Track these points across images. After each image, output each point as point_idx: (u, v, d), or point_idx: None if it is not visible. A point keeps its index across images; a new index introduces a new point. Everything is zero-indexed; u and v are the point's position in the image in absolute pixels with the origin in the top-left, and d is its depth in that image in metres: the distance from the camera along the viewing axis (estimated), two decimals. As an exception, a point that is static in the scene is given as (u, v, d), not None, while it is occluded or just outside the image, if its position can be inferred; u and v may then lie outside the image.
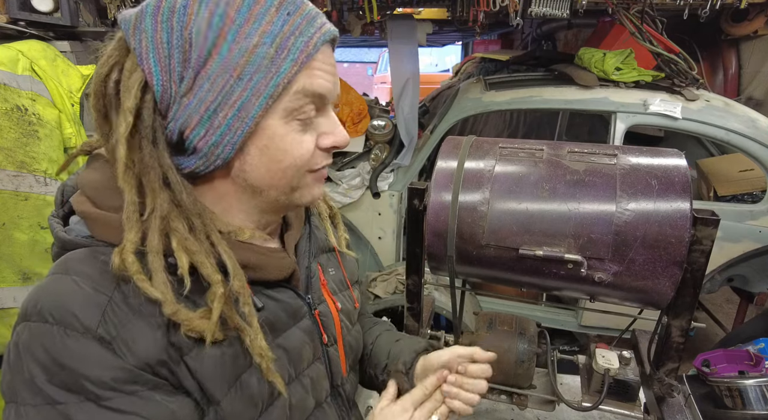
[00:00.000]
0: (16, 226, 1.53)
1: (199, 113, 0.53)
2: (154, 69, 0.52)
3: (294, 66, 0.54)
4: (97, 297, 0.51)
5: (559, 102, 2.36)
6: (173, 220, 0.54)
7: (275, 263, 0.65)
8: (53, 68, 1.70)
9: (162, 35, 0.51)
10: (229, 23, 0.52)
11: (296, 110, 0.56)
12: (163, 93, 0.53)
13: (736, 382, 1.84)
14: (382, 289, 2.48)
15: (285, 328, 0.67)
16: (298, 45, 0.54)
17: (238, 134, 0.54)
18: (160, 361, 0.53)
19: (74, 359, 0.49)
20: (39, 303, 0.51)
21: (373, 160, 2.65)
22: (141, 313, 0.52)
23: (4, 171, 1.50)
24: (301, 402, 0.67)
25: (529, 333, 1.06)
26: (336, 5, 2.32)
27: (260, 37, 0.52)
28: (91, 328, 0.50)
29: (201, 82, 0.52)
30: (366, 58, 13.40)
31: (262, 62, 0.53)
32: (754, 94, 3.33)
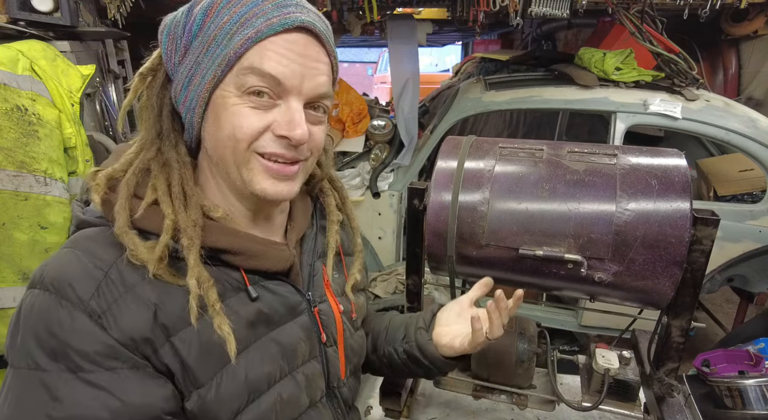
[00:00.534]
0: (16, 226, 1.53)
1: (182, 79, 0.61)
2: (164, 39, 0.62)
3: (243, 40, 0.57)
4: (94, 271, 0.55)
5: (559, 102, 2.36)
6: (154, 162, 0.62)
7: (273, 254, 0.66)
8: (53, 68, 1.69)
9: (179, 18, 0.61)
10: (216, 6, 0.59)
11: (246, 85, 0.58)
12: (166, 60, 0.62)
13: (736, 382, 1.84)
14: (382, 289, 2.48)
15: (281, 322, 0.67)
16: (257, 24, 0.57)
17: (198, 100, 0.60)
18: (144, 339, 0.55)
19: (63, 328, 0.52)
20: (44, 273, 0.55)
21: (373, 160, 2.65)
22: (134, 292, 0.56)
23: (4, 171, 1.50)
24: (293, 398, 0.67)
25: (529, 333, 1.06)
26: (336, 5, 2.32)
27: (230, 17, 0.58)
28: (84, 300, 0.53)
29: (188, 54, 0.60)
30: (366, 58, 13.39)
31: (225, 37, 0.58)
32: (754, 94, 3.33)
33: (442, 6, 2.63)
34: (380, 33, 2.87)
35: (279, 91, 0.60)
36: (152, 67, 0.64)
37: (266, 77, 0.58)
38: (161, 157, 0.62)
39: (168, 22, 0.62)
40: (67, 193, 1.64)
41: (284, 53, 0.58)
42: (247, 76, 0.58)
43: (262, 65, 0.57)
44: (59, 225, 1.61)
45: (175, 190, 0.61)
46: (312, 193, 0.82)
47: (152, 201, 0.59)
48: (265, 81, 0.58)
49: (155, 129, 0.63)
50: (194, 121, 0.62)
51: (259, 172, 0.62)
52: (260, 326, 0.65)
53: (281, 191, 0.63)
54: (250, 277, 0.65)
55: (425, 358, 0.84)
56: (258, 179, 0.62)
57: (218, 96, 0.60)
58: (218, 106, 0.60)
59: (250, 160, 0.61)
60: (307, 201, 0.80)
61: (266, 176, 0.62)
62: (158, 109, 0.63)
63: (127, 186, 0.59)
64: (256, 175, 0.62)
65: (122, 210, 0.57)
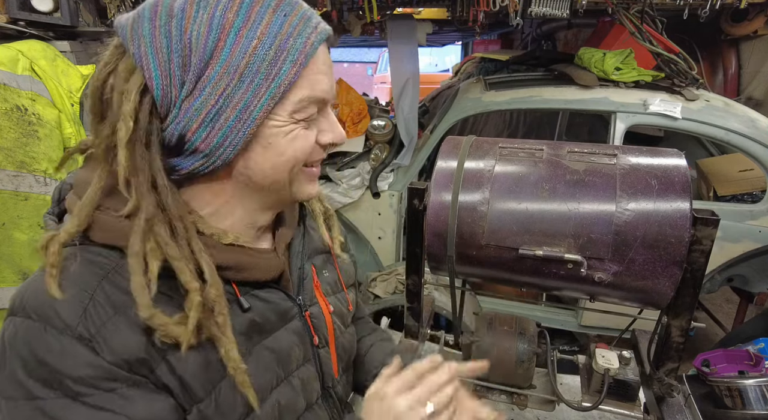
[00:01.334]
0: (15, 226, 1.53)
1: (201, 116, 0.53)
2: (154, 74, 0.52)
3: (293, 67, 0.55)
4: (79, 295, 0.52)
5: (559, 102, 2.36)
6: (156, 224, 0.54)
7: (263, 264, 0.65)
8: (53, 68, 1.70)
9: (161, 40, 0.51)
10: (228, 27, 0.52)
11: (300, 112, 0.59)
12: (163, 97, 0.53)
13: (736, 382, 1.84)
14: (382, 289, 2.48)
15: (273, 330, 0.67)
16: (297, 46, 0.55)
17: (240, 135, 0.55)
18: (139, 359, 0.53)
19: (53, 356, 0.50)
20: (24, 299, 0.52)
21: (373, 160, 2.65)
22: (123, 312, 0.53)
23: (4, 171, 1.50)
24: (290, 403, 0.67)
25: (528, 333, 1.06)
26: (336, 5, 2.32)
27: (259, 40, 0.53)
28: (71, 326, 0.50)
29: (202, 86, 0.53)
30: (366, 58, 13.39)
31: (261, 64, 0.53)
32: (754, 94, 3.33)
33: (442, 6, 2.63)
34: (380, 33, 2.87)
35: (321, 107, 0.62)
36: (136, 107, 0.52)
37: (317, 101, 0.60)
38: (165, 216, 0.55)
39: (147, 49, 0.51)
40: (67, 193, 1.64)
41: (324, 70, 0.60)
42: (305, 105, 0.58)
43: (314, 92, 0.58)
44: (59, 225, 1.61)
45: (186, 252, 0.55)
46: None
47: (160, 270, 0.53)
48: (316, 103, 0.60)
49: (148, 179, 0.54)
50: (228, 156, 0.56)
51: (306, 181, 0.65)
52: (254, 336, 0.64)
53: (316, 190, 0.68)
54: (241, 288, 0.64)
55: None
56: (305, 188, 0.65)
57: (267, 126, 0.57)
58: (269, 136, 0.57)
59: (299, 174, 0.63)
60: (294, 206, 0.79)
61: (309, 182, 0.66)
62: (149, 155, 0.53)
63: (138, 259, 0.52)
64: (304, 185, 0.65)
65: (142, 290, 0.52)
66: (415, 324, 1.14)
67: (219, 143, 0.55)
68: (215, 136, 0.54)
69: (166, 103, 0.53)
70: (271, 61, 0.53)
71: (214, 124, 0.54)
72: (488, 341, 1.05)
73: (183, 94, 0.53)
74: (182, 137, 0.54)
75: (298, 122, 0.59)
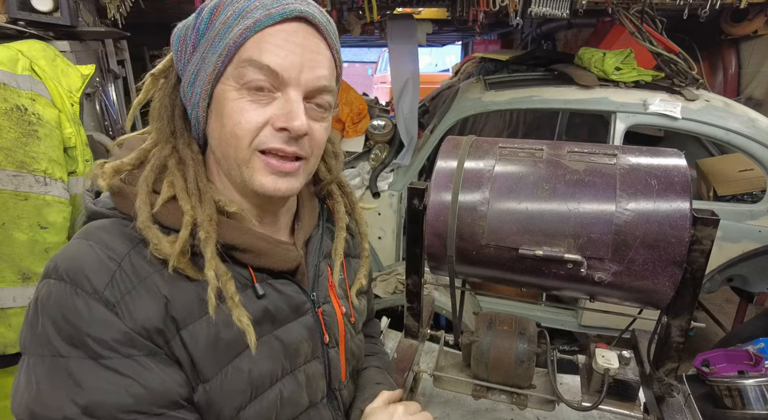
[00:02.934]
0: (15, 226, 1.53)
1: (189, 77, 0.62)
2: (175, 41, 0.63)
3: (242, 31, 0.57)
4: (108, 263, 0.56)
5: (559, 102, 2.36)
6: (170, 160, 0.62)
7: (281, 253, 0.67)
8: (53, 68, 1.69)
9: (190, 20, 0.63)
10: (222, 4, 0.60)
11: (244, 78, 0.58)
12: (177, 60, 0.64)
13: (736, 382, 1.84)
14: (382, 289, 2.48)
15: (285, 321, 0.68)
16: (255, 14, 0.58)
17: (204, 95, 0.61)
18: (157, 330, 0.56)
19: (81, 318, 0.53)
20: (58, 263, 0.56)
21: (373, 160, 2.65)
22: (146, 284, 0.56)
23: (4, 171, 1.50)
24: (293, 396, 0.67)
25: (528, 333, 1.06)
26: (336, 5, 2.32)
27: (233, 11, 0.59)
28: (99, 291, 0.54)
29: (196, 52, 0.62)
30: (366, 58, 13.40)
31: (226, 30, 0.59)
32: (753, 94, 3.33)
33: (442, 6, 2.63)
34: (380, 33, 2.87)
35: (277, 84, 0.59)
36: (164, 69, 0.66)
37: (264, 69, 0.58)
38: (176, 154, 0.63)
39: (180, 27, 0.64)
40: (66, 193, 1.64)
41: (282, 44, 0.58)
42: (245, 68, 0.58)
43: (260, 57, 0.58)
44: (59, 225, 1.61)
45: (191, 186, 0.61)
46: (320, 194, 0.82)
47: (169, 197, 0.60)
48: (263, 73, 0.58)
49: (169, 128, 0.64)
50: (200, 117, 0.63)
51: (260, 168, 0.61)
52: (265, 324, 0.65)
53: (280, 188, 0.63)
54: (258, 274, 0.65)
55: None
56: (258, 176, 0.62)
57: (219, 90, 0.60)
58: (220, 101, 0.60)
59: (252, 159, 0.61)
60: (314, 202, 0.80)
61: (266, 172, 0.62)
62: (171, 110, 0.64)
63: (146, 182, 0.59)
64: (256, 172, 0.62)
65: (144, 205, 0.58)
66: (415, 324, 1.14)
67: (195, 102, 0.62)
68: (193, 95, 0.62)
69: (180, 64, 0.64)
70: (230, 26, 0.58)
71: (194, 84, 0.62)
72: (488, 341, 1.05)
73: (186, 57, 0.62)
74: (184, 97, 0.64)
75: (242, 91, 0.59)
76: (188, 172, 0.62)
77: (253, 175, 0.61)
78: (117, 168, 0.61)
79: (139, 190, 0.59)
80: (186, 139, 0.65)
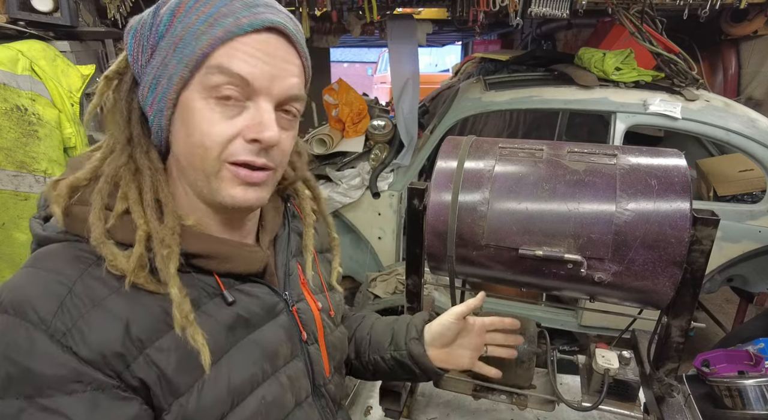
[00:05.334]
0: (15, 226, 1.53)
1: (148, 82, 0.59)
2: (130, 41, 0.60)
3: (210, 40, 0.56)
4: (57, 288, 0.53)
5: (559, 102, 2.36)
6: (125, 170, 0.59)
7: (246, 256, 0.65)
8: (53, 68, 1.70)
9: (145, 19, 0.60)
10: (183, 6, 0.57)
11: (213, 87, 0.56)
12: (132, 62, 0.60)
13: (736, 382, 1.84)
14: (382, 289, 2.48)
15: (260, 324, 0.67)
16: (225, 23, 0.56)
17: (166, 103, 0.58)
18: (116, 354, 0.53)
19: (21, 352, 0.50)
20: (3, 294, 0.53)
21: (373, 160, 2.65)
22: (102, 306, 0.54)
23: (4, 171, 1.50)
24: (277, 399, 0.66)
25: (529, 333, 1.06)
26: (336, 5, 2.32)
27: (198, 16, 0.56)
28: (46, 320, 0.51)
29: (155, 55, 0.58)
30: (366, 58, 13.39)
31: (192, 37, 0.56)
32: (753, 94, 3.33)
33: (442, 6, 2.63)
34: (380, 33, 2.87)
35: (248, 92, 0.58)
36: (118, 70, 0.62)
37: (234, 77, 0.56)
38: (132, 164, 0.60)
39: (134, 23, 0.60)
40: (67, 193, 1.64)
41: (253, 53, 0.57)
42: (214, 75, 0.56)
43: (230, 65, 0.55)
44: (59, 225, 1.61)
45: (147, 198, 0.58)
46: (282, 194, 0.80)
47: (123, 210, 0.57)
48: (234, 81, 0.56)
49: (125, 135, 0.60)
50: (162, 125, 0.60)
51: (229, 179, 0.59)
52: (239, 329, 0.64)
53: (249, 198, 0.61)
54: (225, 281, 0.64)
55: (417, 368, 0.87)
56: (226, 186, 0.59)
57: (185, 98, 0.58)
58: (185, 110, 0.58)
59: (220, 170, 0.59)
60: (278, 201, 0.78)
61: (235, 183, 0.60)
62: (127, 114, 0.61)
63: (101, 195, 0.57)
64: (225, 183, 0.59)
65: (97, 220, 0.55)
66: (415, 324, 1.14)
67: (157, 110, 0.59)
68: (155, 102, 0.59)
69: (136, 69, 0.60)
70: (198, 34, 0.56)
71: (155, 91, 0.59)
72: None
73: (144, 60, 0.59)
74: (143, 102, 0.60)
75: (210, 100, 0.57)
76: (145, 183, 0.59)
77: (221, 185, 0.59)
78: (72, 184, 0.58)
79: (93, 205, 0.56)
80: (144, 146, 0.61)
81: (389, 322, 0.95)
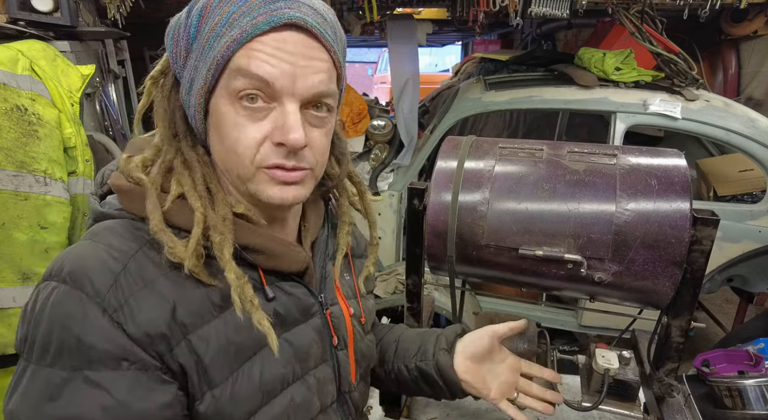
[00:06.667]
0: (15, 226, 1.53)
1: (186, 85, 0.60)
2: (169, 42, 0.61)
3: (229, 42, 0.54)
4: (113, 264, 0.54)
5: (559, 102, 2.36)
6: (176, 162, 0.61)
7: (292, 255, 0.66)
8: (53, 68, 1.69)
9: (182, 18, 0.60)
10: (209, 6, 0.57)
11: (236, 91, 0.56)
12: (173, 63, 0.61)
13: (736, 382, 1.84)
14: (382, 289, 2.48)
15: (295, 324, 0.67)
16: (243, 23, 0.54)
17: (198, 108, 0.59)
18: (161, 335, 0.54)
19: (75, 322, 0.51)
20: (63, 264, 0.55)
21: (373, 160, 2.65)
22: (152, 286, 0.55)
23: (4, 171, 1.50)
24: (305, 402, 0.66)
25: (529, 333, 1.06)
26: (336, 5, 2.32)
27: (221, 17, 0.56)
28: (101, 293, 0.52)
29: (189, 58, 0.59)
30: (366, 58, 13.38)
31: (215, 39, 0.56)
32: (753, 94, 3.33)
33: (442, 6, 2.63)
34: (380, 33, 2.87)
35: (271, 94, 0.56)
36: (162, 70, 0.64)
37: (254, 79, 0.55)
38: (181, 156, 0.61)
39: (172, 25, 0.61)
40: (66, 193, 1.64)
41: (272, 53, 0.55)
42: (235, 79, 0.55)
43: (249, 67, 0.54)
44: (59, 225, 1.61)
45: (200, 188, 0.60)
46: (325, 195, 0.80)
47: (177, 195, 0.59)
48: (254, 83, 0.55)
49: (170, 131, 0.62)
50: (198, 128, 0.61)
51: (266, 181, 0.60)
52: (275, 327, 0.63)
53: (287, 197, 0.61)
54: (267, 277, 0.64)
55: (442, 380, 0.84)
56: (264, 188, 0.60)
57: (214, 103, 0.58)
58: (216, 115, 0.59)
59: (256, 174, 0.59)
60: (319, 203, 0.78)
61: (272, 184, 0.60)
62: (170, 113, 0.62)
63: (155, 184, 0.58)
64: (263, 185, 0.60)
65: (155, 208, 0.56)
66: (415, 324, 1.14)
67: (192, 113, 0.60)
68: (190, 105, 0.60)
69: (176, 70, 0.61)
70: (219, 35, 0.56)
71: (189, 92, 0.59)
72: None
73: (181, 62, 0.60)
74: (184, 103, 0.61)
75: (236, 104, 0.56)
76: (195, 174, 0.61)
77: (258, 187, 0.60)
78: (143, 162, 0.61)
79: (149, 193, 0.57)
80: (189, 141, 0.62)
81: (419, 332, 0.94)
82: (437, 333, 0.90)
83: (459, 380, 0.84)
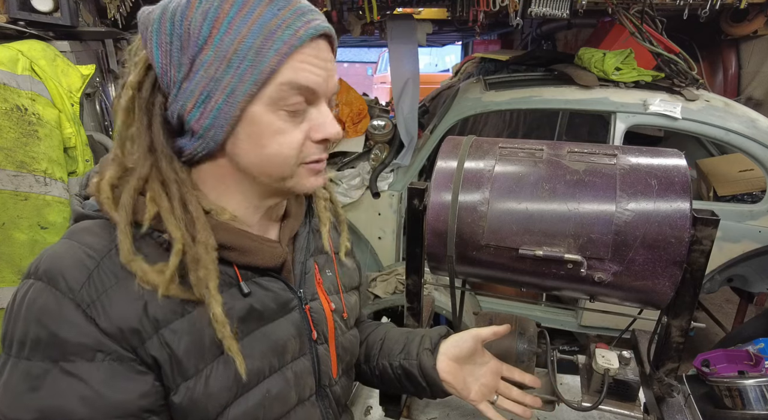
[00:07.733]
0: (15, 226, 1.53)
1: (194, 97, 0.58)
2: (155, 52, 0.58)
3: (277, 56, 0.57)
4: (87, 261, 0.56)
5: (559, 102, 2.36)
6: (151, 180, 0.59)
7: (266, 250, 0.67)
8: (53, 68, 1.70)
9: (165, 25, 0.57)
10: (223, 16, 0.56)
11: (282, 100, 0.59)
12: (162, 74, 0.58)
13: (736, 382, 1.85)
14: (382, 289, 2.48)
15: (272, 318, 0.68)
16: (284, 37, 0.57)
17: (226, 118, 0.58)
18: (132, 329, 0.56)
19: (51, 318, 0.53)
20: (39, 264, 0.57)
21: (373, 160, 2.65)
22: (125, 283, 0.56)
23: (4, 171, 1.50)
24: (281, 394, 0.67)
25: (528, 333, 1.06)
26: (336, 5, 2.32)
27: (249, 29, 0.56)
28: (74, 289, 0.54)
29: (197, 69, 0.57)
30: (366, 58, 13.40)
31: (248, 52, 0.56)
32: (753, 94, 3.33)
33: (442, 6, 2.63)
34: (380, 33, 2.87)
35: (311, 99, 0.62)
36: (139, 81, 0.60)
37: (302, 90, 0.59)
38: (158, 175, 0.60)
39: (153, 31, 0.58)
40: (66, 193, 1.64)
41: (315, 63, 0.60)
42: (284, 90, 0.58)
43: (298, 79, 0.58)
44: (59, 225, 1.61)
45: (177, 211, 0.59)
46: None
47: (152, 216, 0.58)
48: (303, 93, 0.60)
49: (146, 142, 0.60)
50: (217, 138, 0.60)
51: (305, 175, 0.65)
52: (251, 322, 0.65)
53: (320, 183, 0.68)
54: (243, 273, 0.66)
55: (424, 380, 0.86)
56: (302, 181, 0.65)
57: (251, 113, 0.59)
58: (253, 124, 0.59)
59: (297, 171, 0.64)
60: (301, 199, 0.81)
61: (309, 176, 0.66)
62: (147, 121, 0.60)
63: (125, 210, 0.57)
64: (302, 179, 0.65)
65: (125, 238, 0.56)
66: (415, 324, 1.14)
67: (209, 125, 0.59)
68: (206, 117, 0.58)
69: (166, 81, 0.59)
70: (257, 49, 0.56)
71: (205, 105, 0.58)
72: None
73: (180, 75, 0.58)
74: (181, 117, 0.59)
75: (282, 112, 0.59)
76: (172, 194, 0.60)
77: (298, 181, 0.65)
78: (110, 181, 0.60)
79: (119, 220, 0.57)
80: (167, 154, 0.60)
81: (404, 331, 0.96)
82: (422, 333, 0.92)
83: (441, 380, 0.85)
